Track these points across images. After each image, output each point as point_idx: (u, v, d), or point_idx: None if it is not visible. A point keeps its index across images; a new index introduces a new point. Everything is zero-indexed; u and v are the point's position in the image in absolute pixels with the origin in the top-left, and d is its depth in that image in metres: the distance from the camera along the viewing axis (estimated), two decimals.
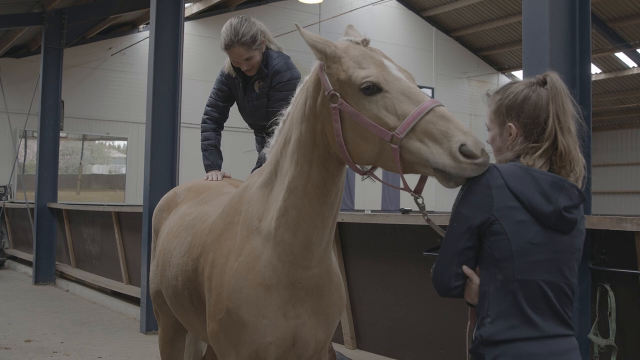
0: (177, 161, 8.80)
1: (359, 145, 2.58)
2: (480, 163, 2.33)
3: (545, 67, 4.51)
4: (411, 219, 5.62)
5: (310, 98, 2.78)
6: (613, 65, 26.09)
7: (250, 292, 2.91)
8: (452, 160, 2.32)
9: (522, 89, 2.59)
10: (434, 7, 25.77)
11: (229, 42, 4.36)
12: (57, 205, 13.54)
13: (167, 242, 3.80)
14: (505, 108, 2.59)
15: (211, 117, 4.82)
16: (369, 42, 2.75)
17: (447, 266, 2.50)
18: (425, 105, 2.43)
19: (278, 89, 4.48)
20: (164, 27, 8.84)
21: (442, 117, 2.40)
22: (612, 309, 4.15)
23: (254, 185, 3.16)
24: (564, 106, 2.52)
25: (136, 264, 10.09)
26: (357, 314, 6.36)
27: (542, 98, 2.54)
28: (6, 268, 16.57)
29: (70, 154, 21.20)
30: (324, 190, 2.82)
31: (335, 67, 2.65)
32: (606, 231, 4.18)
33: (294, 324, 2.95)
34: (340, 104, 2.59)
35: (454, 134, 2.34)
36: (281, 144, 2.99)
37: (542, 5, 4.54)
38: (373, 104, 2.52)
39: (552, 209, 2.41)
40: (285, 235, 2.88)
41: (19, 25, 15.37)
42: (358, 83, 2.55)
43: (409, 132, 2.41)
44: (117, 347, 7.87)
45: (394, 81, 2.54)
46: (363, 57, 2.63)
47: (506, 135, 2.58)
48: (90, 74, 20.23)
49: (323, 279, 3.02)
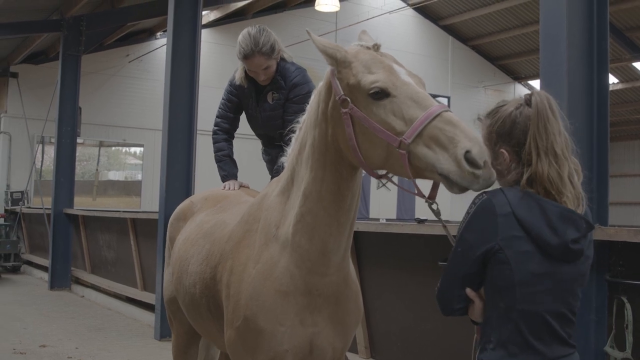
0: (193, 168, 8.82)
1: (369, 149, 2.58)
2: (481, 176, 2.29)
3: (562, 77, 4.49)
4: (427, 228, 5.59)
5: (322, 102, 2.79)
6: (631, 75, 25.90)
7: (268, 299, 2.91)
8: (456, 167, 2.30)
9: (510, 111, 2.53)
10: (451, 16, 25.72)
11: (249, 52, 4.32)
12: (73, 211, 13.61)
13: (184, 250, 3.79)
14: (495, 134, 2.55)
15: (222, 129, 4.81)
16: (379, 46, 2.75)
17: (450, 288, 2.50)
18: (432, 110, 2.42)
19: (296, 101, 4.46)
20: (181, 34, 8.88)
21: (449, 122, 2.38)
22: (629, 322, 4.11)
23: (272, 193, 3.16)
24: (545, 129, 2.44)
25: (151, 271, 10.11)
26: (372, 324, 6.34)
27: (528, 120, 2.49)
28: (22, 273, 16.67)
29: (86, 160, 21.30)
30: (338, 195, 2.81)
31: (345, 72, 2.66)
32: (623, 243, 4.14)
33: (310, 331, 2.94)
34: (350, 109, 2.60)
35: (460, 139, 2.32)
36: (297, 151, 3.00)
37: (560, 14, 4.52)
38: (381, 109, 2.52)
39: (558, 242, 2.37)
40: (302, 241, 2.87)
41: (38, 32, 15.50)
42: (367, 88, 2.55)
43: (415, 137, 2.40)
44: (132, 353, 7.88)
45: (402, 86, 2.53)
46: (372, 62, 2.63)
47: (501, 160, 2.53)
48: (108, 80, 20.33)
49: (340, 286, 3.01)
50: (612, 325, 4.23)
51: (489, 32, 25.91)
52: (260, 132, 4.84)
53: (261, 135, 4.88)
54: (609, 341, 4.22)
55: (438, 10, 25.72)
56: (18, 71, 19.08)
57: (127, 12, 14.59)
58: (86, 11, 14.43)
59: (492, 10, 23.84)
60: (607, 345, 4.22)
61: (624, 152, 29.58)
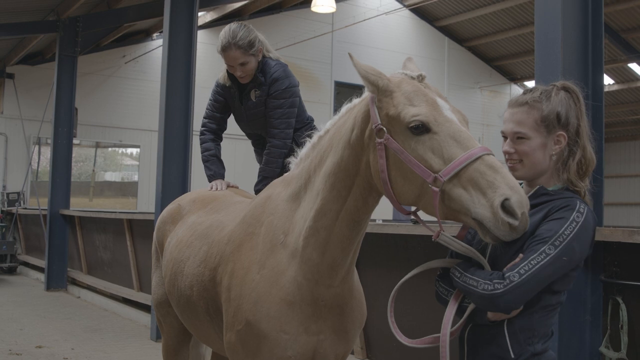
0: (189, 169, 8.83)
1: (401, 184, 2.50)
2: (515, 226, 2.24)
3: (557, 78, 4.47)
4: (422, 229, 5.60)
5: (358, 128, 2.69)
6: (626, 76, 25.94)
7: (272, 307, 2.88)
8: (491, 214, 2.24)
9: (563, 96, 2.54)
10: (447, 17, 25.74)
11: (225, 44, 4.37)
12: (69, 211, 13.60)
13: (178, 252, 3.73)
14: (555, 117, 2.52)
15: (209, 129, 4.80)
16: (424, 77, 2.63)
17: (537, 287, 2.39)
18: (474, 152, 2.33)
19: (275, 96, 4.47)
20: (177, 35, 8.88)
21: (491, 167, 2.30)
22: (623, 322, 4.12)
23: (279, 197, 3.11)
24: (584, 113, 2.54)
25: (147, 271, 10.10)
26: (368, 324, 6.33)
27: (574, 104, 2.54)
28: (18, 274, 16.65)
29: (83, 161, 21.28)
30: (356, 217, 2.79)
31: (385, 101, 2.55)
32: (618, 243, 4.15)
33: (315, 339, 2.93)
34: (386, 139, 2.50)
35: (500, 186, 2.25)
36: (316, 162, 2.93)
37: (555, 15, 4.53)
38: (420, 145, 2.42)
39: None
40: (314, 255, 2.85)
41: (34, 33, 15.48)
42: (407, 121, 2.44)
43: (452, 176, 2.32)
44: (128, 354, 7.88)
45: (445, 123, 2.43)
46: (415, 94, 2.51)
47: (551, 145, 2.53)
48: (104, 81, 20.32)
49: (346, 297, 3.01)
50: (607, 325, 4.25)
51: (485, 33, 25.94)
52: (248, 132, 4.84)
53: (250, 135, 4.87)
54: (604, 341, 4.23)
55: (434, 11, 25.75)
56: (14, 72, 19.07)
57: (124, 13, 14.59)
58: (82, 12, 14.42)
59: (488, 11, 23.87)
60: (602, 345, 4.23)
61: (620, 153, 29.64)
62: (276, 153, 4.44)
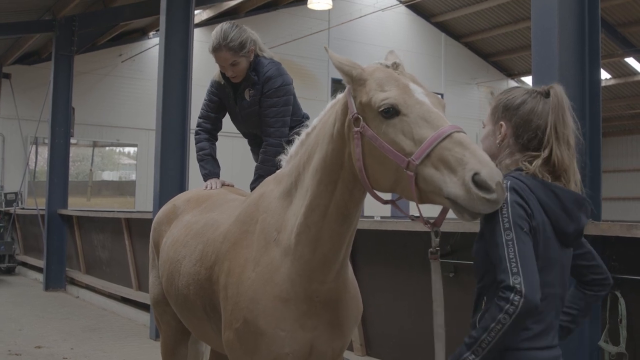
0: (186, 167, 8.81)
1: (377, 171, 2.51)
2: (493, 200, 2.19)
3: (554, 73, 4.49)
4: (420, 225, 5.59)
5: (339, 121, 2.71)
6: (623, 70, 25.99)
7: (268, 304, 2.89)
8: (464, 191, 2.20)
9: (522, 93, 2.60)
10: (443, 13, 25.75)
11: (216, 45, 4.37)
12: (67, 211, 13.58)
13: (174, 251, 3.74)
14: (502, 107, 2.60)
15: (204, 129, 4.80)
16: (399, 65, 2.64)
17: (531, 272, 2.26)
18: (443, 130, 2.32)
19: (269, 95, 4.46)
20: (173, 34, 8.86)
21: (459, 143, 2.28)
22: (622, 316, 4.13)
23: (272, 195, 3.12)
24: (564, 119, 2.51)
25: (146, 271, 10.07)
26: (367, 321, 6.34)
27: (539, 107, 2.53)
28: (17, 274, 16.64)
29: (80, 161, 21.28)
30: (344, 211, 2.78)
31: (359, 90, 2.58)
32: (617, 238, 4.15)
33: (310, 335, 2.94)
34: (362, 127, 2.52)
35: (469, 161, 2.22)
36: (304, 158, 2.94)
37: (551, 10, 4.53)
38: (390, 128, 2.43)
39: (574, 228, 2.40)
40: (305, 251, 2.86)
41: (30, 33, 15.47)
42: (377, 105, 2.46)
43: (424, 158, 2.30)
44: (127, 353, 7.88)
45: (415, 105, 2.44)
46: (387, 80, 2.54)
47: (497, 134, 2.59)
48: (101, 80, 20.31)
49: (340, 292, 3.01)
50: (606, 319, 4.25)
51: (482, 29, 25.95)
52: (244, 131, 4.83)
53: (246, 134, 4.86)
54: (603, 336, 4.23)
55: (430, 7, 25.76)
56: (11, 72, 19.07)
57: (120, 12, 14.57)
58: (78, 11, 14.39)
59: (485, 7, 23.89)
60: (601, 339, 4.23)
61: (617, 148, 29.68)
62: (272, 152, 4.44)
